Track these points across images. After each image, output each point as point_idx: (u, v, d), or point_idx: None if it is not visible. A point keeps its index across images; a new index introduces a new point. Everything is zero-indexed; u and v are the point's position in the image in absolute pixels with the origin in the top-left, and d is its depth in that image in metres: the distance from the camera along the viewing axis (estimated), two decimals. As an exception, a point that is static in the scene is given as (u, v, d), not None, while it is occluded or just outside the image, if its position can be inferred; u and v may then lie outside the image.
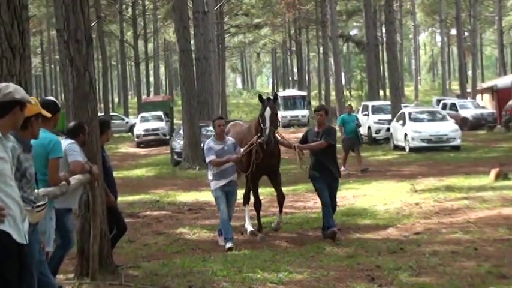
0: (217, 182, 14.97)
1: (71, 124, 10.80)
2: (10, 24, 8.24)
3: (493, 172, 23.54)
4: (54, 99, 10.23)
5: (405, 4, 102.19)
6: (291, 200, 22.18)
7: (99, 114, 14.48)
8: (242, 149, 15.25)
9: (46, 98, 9.03)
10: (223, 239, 14.98)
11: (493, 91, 58.53)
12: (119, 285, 11.01)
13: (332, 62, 72.62)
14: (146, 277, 11.57)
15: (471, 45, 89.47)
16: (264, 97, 15.99)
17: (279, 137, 16.09)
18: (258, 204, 16.18)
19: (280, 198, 16.19)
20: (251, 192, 16.68)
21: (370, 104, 52.37)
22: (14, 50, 8.34)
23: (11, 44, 8.23)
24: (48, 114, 7.38)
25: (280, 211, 16.43)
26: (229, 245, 14.48)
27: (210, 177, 15.29)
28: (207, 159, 15.03)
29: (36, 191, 7.29)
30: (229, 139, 15.51)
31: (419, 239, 14.56)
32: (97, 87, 61.43)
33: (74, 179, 9.32)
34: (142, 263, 12.97)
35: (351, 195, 22.29)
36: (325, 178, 15.23)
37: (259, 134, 15.02)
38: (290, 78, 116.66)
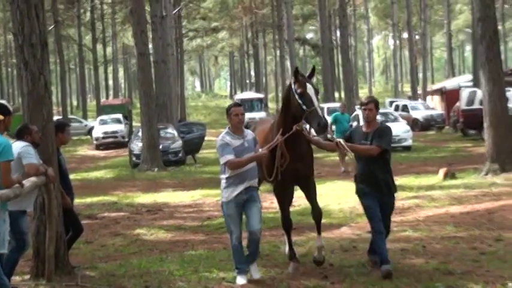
0: (232, 191, 10.26)
1: (18, 126, 10.62)
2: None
3: (442, 172, 24.17)
4: (4, 102, 10.15)
5: (359, 8, 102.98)
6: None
7: (57, 117, 14.32)
8: (261, 149, 10.50)
9: None
10: (236, 271, 10.66)
11: (442, 93, 59.20)
12: (75, 285, 10.94)
13: (289, 65, 72.82)
14: (103, 278, 11.50)
15: (422, 48, 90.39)
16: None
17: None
18: (287, 224, 11.31)
19: (317, 214, 11.31)
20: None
21: (325, 105, 52.37)
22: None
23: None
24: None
25: (319, 232, 11.38)
26: (241, 280, 10.53)
27: (223, 183, 10.46)
28: (223, 160, 10.26)
29: None
30: (249, 132, 10.91)
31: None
32: (55, 90, 61.20)
33: (29, 181, 9.27)
34: (99, 263, 12.89)
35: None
36: (377, 194, 10.67)
37: (279, 135, 10.44)
38: (248, 81, 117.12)
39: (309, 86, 10.14)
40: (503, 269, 8.84)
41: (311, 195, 11.15)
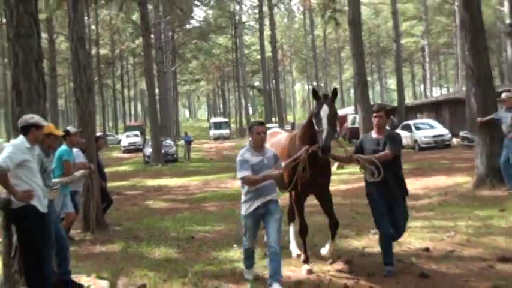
0: (250, 205, 7.31)
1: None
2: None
3: (336, 164, 23.75)
4: (70, 128, 10.13)
5: (286, 66, 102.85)
6: (216, 183, 22.17)
7: (99, 133, 14.29)
8: (283, 163, 7.73)
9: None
10: (245, 270, 7.65)
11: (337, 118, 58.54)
12: (108, 235, 11.01)
13: (243, 101, 72.87)
14: (125, 231, 11.56)
15: (324, 90, 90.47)
16: (320, 94, 7.86)
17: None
18: (303, 230, 8.24)
19: (334, 224, 8.29)
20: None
21: (268, 125, 52.19)
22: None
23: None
24: (60, 133, 7.34)
25: (333, 238, 8.50)
26: (247, 276, 7.51)
27: (242, 197, 7.46)
28: (239, 175, 7.28)
29: (53, 180, 7.36)
30: (269, 150, 7.75)
31: (282, 210, 14.44)
32: (98, 117, 60.23)
33: (79, 173, 9.23)
34: (123, 222, 12.81)
35: (225, 184, 21.83)
36: (388, 198, 7.57)
37: (307, 147, 7.55)
38: (218, 111, 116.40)
39: (324, 107, 7.31)
40: (369, 222, 8.92)
41: (327, 206, 8.15)
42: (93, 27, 56.97)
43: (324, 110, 7.21)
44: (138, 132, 58.59)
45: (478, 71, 14.71)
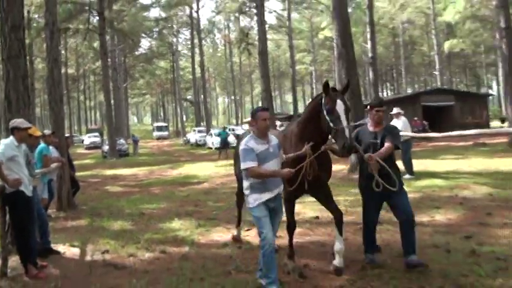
0: (258, 196, 4.95)
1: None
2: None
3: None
4: (47, 131, 9.89)
5: (211, 84, 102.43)
6: (159, 172, 21.92)
7: (67, 134, 13.83)
8: (285, 155, 5.33)
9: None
10: (264, 281, 4.96)
11: (250, 123, 58.35)
12: (77, 213, 10.71)
13: (179, 110, 72.11)
14: (90, 210, 11.24)
15: (240, 103, 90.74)
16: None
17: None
18: (292, 226, 5.72)
19: (339, 216, 5.49)
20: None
21: (197, 128, 52.04)
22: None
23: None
24: (39, 134, 7.19)
25: (340, 233, 5.48)
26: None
27: (246, 190, 5.06)
28: (244, 166, 4.91)
29: (36, 171, 7.18)
30: (273, 138, 5.26)
31: (218, 187, 14.51)
32: (67, 121, 58.14)
33: (54, 165, 9.01)
34: (88, 203, 12.47)
35: (186, 170, 21.71)
36: (383, 190, 5.29)
37: (311, 143, 5.18)
38: (159, 117, 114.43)
39: (339, 102, 4.99)
40: None
41: (330, 200, 5.64)
42: (63, 51, 55.52)
43: (340, 105, 5.00)
44: (97, 134, 57.33)
45: (351, 90, 15.42)
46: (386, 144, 5.39)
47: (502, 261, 5.45)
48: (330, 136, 5.09)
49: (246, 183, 5.01)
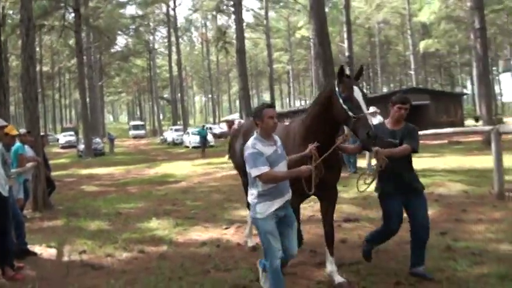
0: (269, 205, 4.07)
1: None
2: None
3: (227, 156, 23.83)
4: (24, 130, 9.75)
5: (189, 83, 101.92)
6: (136, 171, 21.75)
7: (42, 133, 13.62)
8: (288, 157, 4.39)
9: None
10: None
11: (227, 121, 58.10)
12: (53, 213, 10.55)
13: (155, 108, 71.64)
14: (66, 210, 11.05)
15: (217, 102, 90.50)
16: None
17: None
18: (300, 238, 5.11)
19: (330, 232, 5.02)
20: None
21: (174, 127, 51.75)
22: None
23: None
24: (15, 133, 7.07)
25: (331, 253, 4.97)
26: None
27: (252, 198, 4.15)
28: (256, 172, 3.98)
29: (12, 170, 7.06)
30: (277, 137, 4.35)
31: (196, 186, 14.44)
32: (42, 121, 57.44)
33: (30, 164, 8.87)
34: (64, 203, 12.29)
35: (164, 169, 21.55)
36: (403, 194, 4.86)
37: (317, 144, 4.47)
38: (136, 116, 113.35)
39: (356, 88, 4.43)
40: None
41: (330, 211, 4.99)
42: (37, 49, 54.66)
43: (358, 92, 4.42)
44: (72, 132, 56.27)
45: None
46: (403, 146, 4.79)
47: (477, 256, 5.55)
48: (346, 128, 4.53)
49: (253, 191, 4.17)
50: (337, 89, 4.52)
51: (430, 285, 4.74)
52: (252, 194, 4.17)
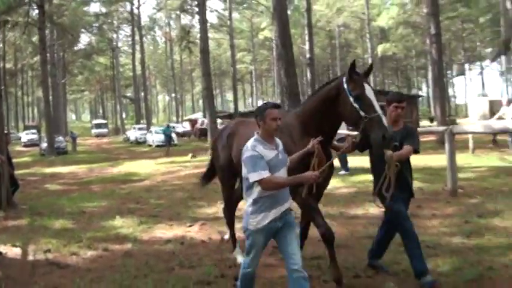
0: (263, 217, 3.67)
1: None
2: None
3: (190, 155, 24.01)
4: None
5: (152, 82, 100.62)
6: (98, 170, 21.39)
7: (5, 131, 13.25)
8: (288, 157, 3.95)
9: None
10: None
11: (190, 120, 57.32)
12: (17, 213, 10.27)
13: (118, 107, 70.67)
14: (30, 209, 10.74)
15: (181, 101, 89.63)
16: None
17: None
18: (328, 235, 4.45)
19: (306, 229, 5.12)
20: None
21: (137, 126, 50.88)
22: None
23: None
24: None
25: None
26: None
27: (247, 206, 3.77)
28: (256, 177, 3.55)
29: None
30: (279, 141, 3.88)
31: (160, 184, 14.34)
32: (5, 119, 56.51)
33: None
34: (28, 202, 11.98)
35: (127, 168, 21.21)
36: (405, 197, 4.69)
37: (320, 138, 4.08)
38: (98, 114, 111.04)
39: (367, 87, 4.16)
40: (217, 196, 9.09)
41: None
42: (1, 45, 53.10)
43: (369, 90, 4.15)
44: (35, 131, 55.22)
45: (290, 89, 15.90)
46: (407, 147, 4.50)
47: (432, 249, 5.77)
48: (358, 128, 4.12)
49: (249, 199, 3.77)
50: (346, 86, 4.19)
51: (387, 277, 4.92)
52: (247, 201, 3.80)
